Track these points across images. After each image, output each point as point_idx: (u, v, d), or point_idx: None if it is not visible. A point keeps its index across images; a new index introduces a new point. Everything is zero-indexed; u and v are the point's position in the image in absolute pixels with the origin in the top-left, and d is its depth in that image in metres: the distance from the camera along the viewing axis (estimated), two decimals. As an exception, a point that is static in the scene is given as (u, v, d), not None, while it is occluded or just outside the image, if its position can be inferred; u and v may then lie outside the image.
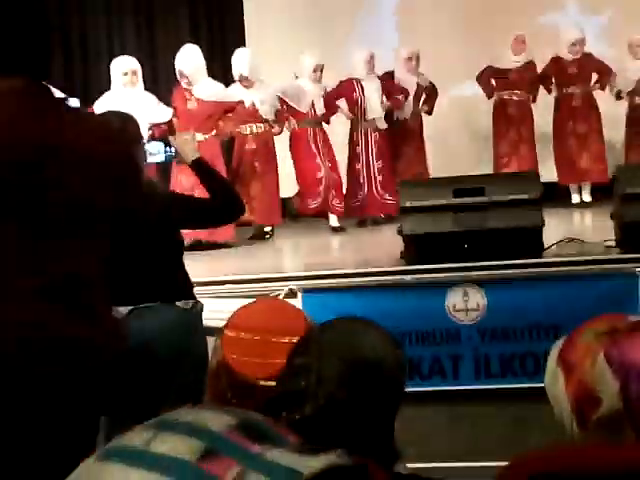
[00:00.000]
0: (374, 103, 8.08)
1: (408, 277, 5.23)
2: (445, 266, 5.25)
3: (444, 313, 5.20)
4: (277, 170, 7.84)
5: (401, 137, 8.38)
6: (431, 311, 5.17)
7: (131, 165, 2.57)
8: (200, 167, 3.81)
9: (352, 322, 1.83)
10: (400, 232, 5.47)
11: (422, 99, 8.51)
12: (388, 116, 8.25)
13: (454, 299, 5.19)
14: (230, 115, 7.50)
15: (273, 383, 2.03)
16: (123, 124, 3.77)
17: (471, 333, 5.20)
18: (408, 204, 5.47)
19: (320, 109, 7.92)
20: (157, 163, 3.93)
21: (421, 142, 8.50)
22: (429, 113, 8.54)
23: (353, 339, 1.73)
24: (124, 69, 7.26)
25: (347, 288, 5.27)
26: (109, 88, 7.30)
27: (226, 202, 3.75)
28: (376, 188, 8.14)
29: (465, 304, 5.19)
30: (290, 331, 2.10)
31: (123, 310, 3.66)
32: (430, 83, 8.46)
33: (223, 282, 5.46)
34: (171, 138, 3.92)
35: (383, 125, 8.20)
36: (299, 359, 1.74)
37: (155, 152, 3.89)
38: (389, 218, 7.94)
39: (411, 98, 8.35)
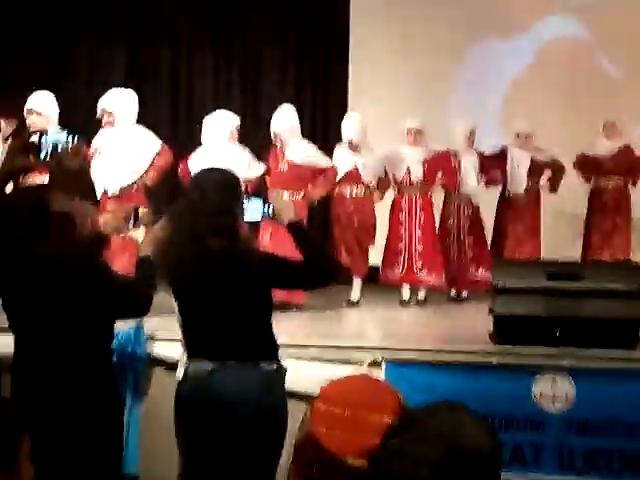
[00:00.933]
0: (470, 178, 8.01)
1: (495, 359, 5.10)
2: (535, 351, 5.11)
3: (530, 399, 5.05)
4: (375, 235, 7.78)
5: (512, 213, 8.15)
6: (517, 396, 5.03)
7: None
8: (297, 229, 3.79)
9: (453, 408, 1.77)
10: (491, 311, 5.36)
11: (544, 175, 8.24)
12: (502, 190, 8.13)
13: (542, 386, 5.05)
14: (320, 180, 7.50)
15: (362, 462, 1.97)
16: (226, 181, 3.80)
17: (556, 423, 5.03)
18: (500, 284, 5.36)
19: (416, 175, 7.85)
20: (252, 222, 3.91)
21: (534, 219, 8.17)
22: (552, 191, 8.24)
23: (454, 426, 1.67)
24: (232, 125, 7.30)
25: (432, 363, 5.17)
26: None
27: (320, 265, 3.71)
28: (466, 264, 8.03)
29: (553, 392, 5.04)
30: (384, 409, 2.04)
31: (207, 366, 3.64)
32: (553, 160, 8.20)
33: (306, 346, 5.40)
34: (270, 197, 3.93)
35: (477, 200, 8.12)
36: (395, 441, 1.68)
37: (254, 210, 3.88)
38: (478, 294, 7.81)
39: (523, 172, 8.12)
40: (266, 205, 3.82)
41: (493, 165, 8.20)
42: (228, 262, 3.62)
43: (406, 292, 7.83)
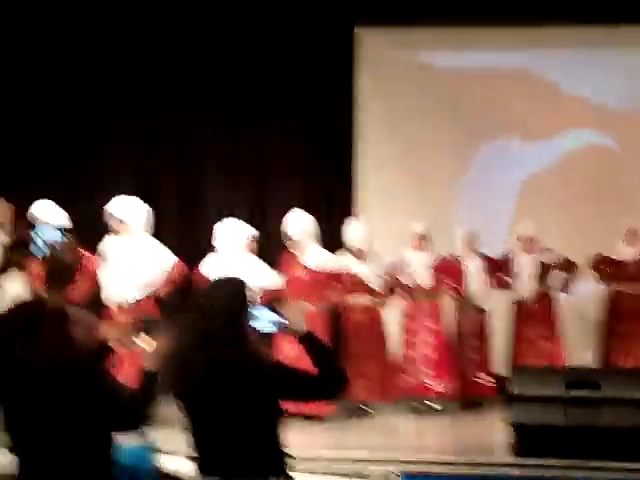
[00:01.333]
0: (473, 282, 7.95)
1: (517, 471, 4.95)
2: (554, 463, 4.96)
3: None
4: (385, 344, 7.70)
5: (524, 318, 7.97)
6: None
7: None
8: (311, 340, 3.71)
9: None
10: (506, 420, 5.23)
11: (553, 277, 8.01)
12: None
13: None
14: (337, 285, 7.46)
15: None
16: (234, 289, 3.75)
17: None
18: (517, 391, 5.25)
19: (422, 280, 7.80)
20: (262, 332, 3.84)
21: (548, 323, 7.94)
22: (563, 290, 8.01)
23: None
24: (248, 235, 7.26)
25: (449, 476, 5.02)
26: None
27: (332, 378, 3.62)
28: (473, 369, 7.90)
29: (574, 505, 4.88)
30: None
31: (216, 481, 3.53)
32: (564, 259, 7.99)
33: (318, 459, 5.26)
34: (285, 307, 3.86)
35: (483, 304, 8.03)
36: None
37: (266, 320, 3.81)
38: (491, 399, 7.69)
39: (526, 277, 8.00)
40: (280, 317, 3.76)
41: (499, 269, 8.13)
42: (239, 372, 3.54)
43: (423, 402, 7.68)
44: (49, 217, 6.87)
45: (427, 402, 7.63)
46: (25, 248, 5.71)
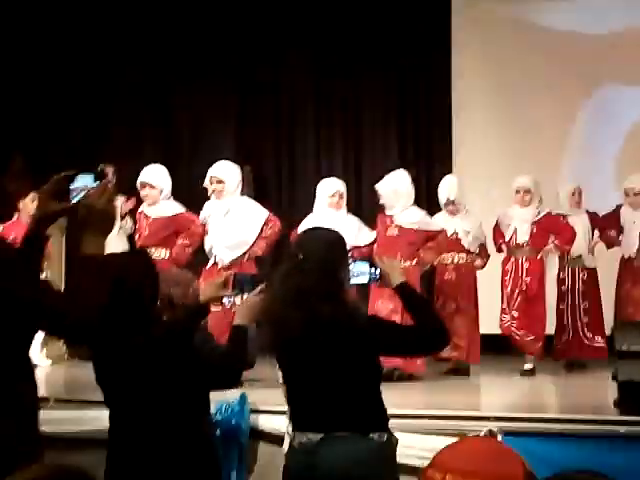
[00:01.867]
0: (580, 240, 7.65)
1: (623, 428, 4.73)
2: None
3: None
4: (477, 305, 7.52)
5: (631, 277, 7.59)
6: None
7: None
8: (406, 291, 3.58)
9: (589, 477, 1.50)
10: (615, 378, 5.01)
11: None
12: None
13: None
14: (431, 244, 7.31)
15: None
16: (331, 240, 3.64)
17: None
18: (624, 348, 5.01)
19: (522, 237, 7.53)
20: (358, 285, 3.73)
21: None
22: None
23: None
24: (331, 191, 7.25)
25: (552, 434, 4.82)
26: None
27: (432, 330, 3.48)
28: (582, 330, 7.64)
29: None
30: (507, 477, 1.79)
31: (314, 437, 3.43)
32: None
33: (417, 416, 5.13)
34: (377, 259, 3.73)
35: (591, 263, 7.75)
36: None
37: (359, 273, 3.70)
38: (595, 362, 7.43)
39: (635, 233, 7.58)
40: (373, 268, 3.64)
41: (607, 225, 7.80)
42: (336, 328, 3.43)
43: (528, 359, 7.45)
44: (162, 182, 7.14)
45: (526, 366, 7.40)
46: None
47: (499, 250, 7.71)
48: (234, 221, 6.95)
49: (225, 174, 7.02)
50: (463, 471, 1.84)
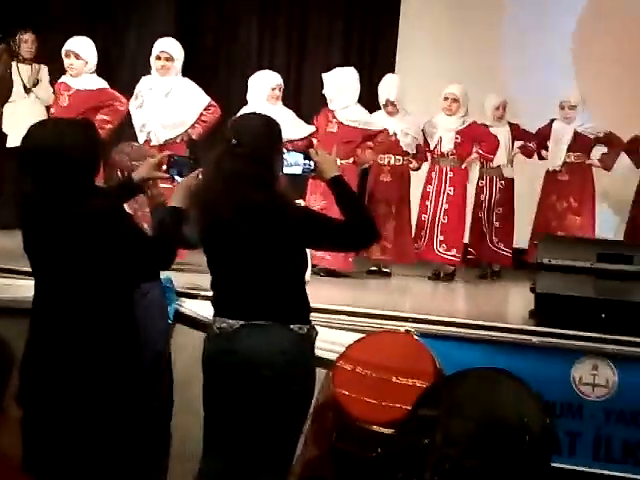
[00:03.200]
0: (500, 150, 7.66)
1: (536, 339, 4.84)
2: (577, 333, 4.84)
3: (569, 384, 4.79)
4: (410, 207, 7.56)
5: (554, 189, 7.68)
6: (555, 380, 4.75)
7: None
8: (339, 185, 3.56)
9: (493, 374, 1.52)
10: (533, 289, 5.09)
11: (595, 151, 7.69)
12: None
13: (582, 371, 4.79)
14: (370, 144, 7.27)
15: (389, 431, 1.73)
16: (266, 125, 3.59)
17: (595, 411, 4.77)
18: (546, 261, 5.08)
19: (447, 145, 7.51)
20: (292, 175, 3.68)
21: (581, 197, 7.62)
22: (604, 168, 7.65)
23: (492, 395, 1.41)
24: (274, 84, 7.13)
25: (467, 339, 4.91)
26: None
27: (363, 226, 3.48)
28: (491, 236, 7.74)
29: (593, 378, 4.77)
30: (416, 373, 1.80)
31: (234, 323, 3.44)
32: (606, 134, 7.60)
33: (337, 312, 5.17)
34: (312, 151, 3.70)
35: (510, 174, 7.81)
36: (425, 411, 1.42)
37: (293, 163, 3.65)
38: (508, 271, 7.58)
39: (562, 147, 7.64)
40: (307, 159, 3.60)
41: (527, 138, 7.86)
42: (266, 215, 3.41)
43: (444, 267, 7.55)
44: (87, 54, 6.99)
45: (444, 269, 7.50)
46: None
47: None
48: (174, 101, 6.82)
49: (175, 51, 6.87)
50: (373, 364, 1.86)
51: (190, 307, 5.26)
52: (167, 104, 6.81)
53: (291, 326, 3.42)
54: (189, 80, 6.98)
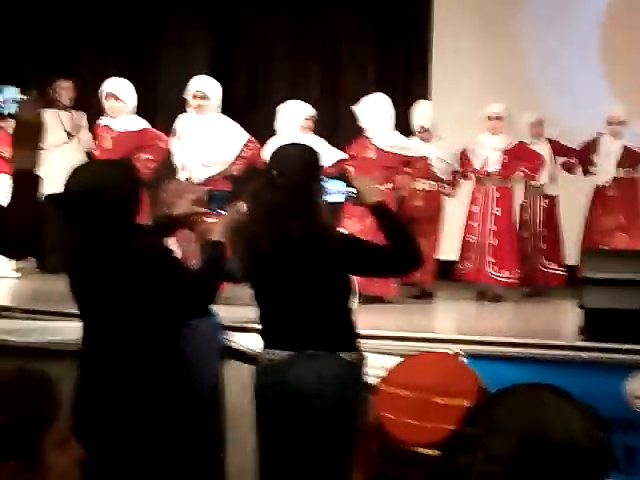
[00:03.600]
0: (544, 169, 7.63)
1: (586, 354, 4.77)
2: (628, 347, 4.76)
3: (622, 399, 4.71)
4: (438, 231, 7.54)
5: (602, 206, 7.61)
6: (608, 395, 4.67)
7: None
8: (382, 211, 3.55)
9: (538, 390, 1.48)
10: (581, 305, 5.03)
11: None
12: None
13: (635, 385, 4.70)
14: (408, 169, 7.27)
15: (433, 452, 1.72)
16: (305, 156, 3.60)
17: (650, 424, 4.69)
18: (591, 275, 5.03)
19: (493, 165, 7.49)
20: (335, 204, 3.68)
21: (629, 213, 7.54)
22: None
23: (535, 411, 1.37)
24: (309, 114, 7.14)
25: (516, 358, 4.86)
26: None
27: (406, 250, 3.47)
28: (541, 258, 7.66)
29: (647, 392, 4.70)
30: (459, 392, 1.79)
31: (284, 354, 3.44)
32: None
33: (382, 337, 5.14)
34: (353, 178, 3.72)
35: (553, 191, 7.77)
36: (467, 429, 1.39)
37: (335, 191, 3.66)
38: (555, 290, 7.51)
39: (611, 163, 7.57)
40: (349, 186, 3.61)
41: (569, 153, 7.81)
42: (307, 244, 3.41)
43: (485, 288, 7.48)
44: (127, 96, 7.05)
45: (491, 290, 7.44)
46: None
47: (465, 177, 7.67)
48: (213, 138, 6.84)
49: (211, 90, 6.89)
50: (415, 385, 1.85)
51: (237, 340, 5.27)
52: (206, 142, 6.83)
53: (340, 354, 3.42)
54: (227, 117, 7.01)
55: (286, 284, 3.46)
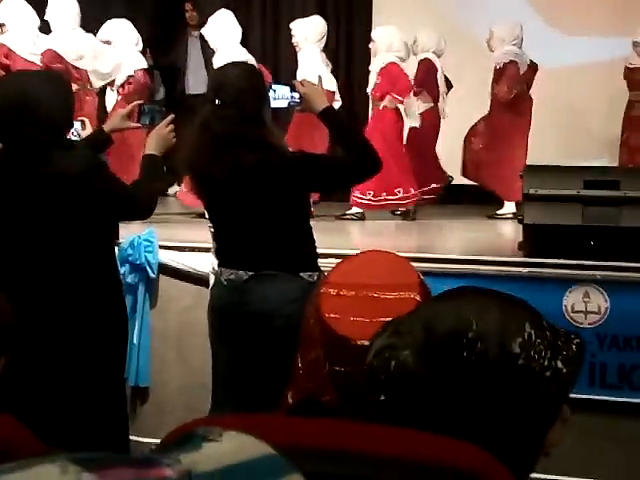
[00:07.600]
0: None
1: (525, 270, 4.80)
2: (567, 262, 4.79)
3: (561, 313, 4.75)
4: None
5: None
6: (547, 310, 4.61)
7: None
8: (330, 117, 3.43)
9: (483, 291, 1.34)
10: (520, 221, 5.05)
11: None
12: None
13: (573, 299, 4.75)
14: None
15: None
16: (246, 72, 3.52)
17: (589, 338, 4.73)
18: (532, 191, 5.02)
19: (370, 86, 7.42)
20: (277, 109, 3.58)
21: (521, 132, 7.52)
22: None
23: (454, 304, 1.25)
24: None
25: (457, 275, 4.86)
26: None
27: (361, 156, 3.32)
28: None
29: (585, 306, 4.74)
30: (408, 287, 1.75)
31: (243, 274, 3.38)
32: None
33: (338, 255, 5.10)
34: (297, 83, 3.58)
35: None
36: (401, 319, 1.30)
37: (279, 97, 3.56)
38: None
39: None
40: (293, 92, 3.51)
41: None
42: (261, 173, 3.32)
43: None
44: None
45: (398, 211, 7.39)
46: None
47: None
48: None
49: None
50: (357, 284, 1.80)
51: (181, 260, 5.18)
52: None
53: (301, 274, 3.36)
54: None
55: (243, 207, 3.40)
